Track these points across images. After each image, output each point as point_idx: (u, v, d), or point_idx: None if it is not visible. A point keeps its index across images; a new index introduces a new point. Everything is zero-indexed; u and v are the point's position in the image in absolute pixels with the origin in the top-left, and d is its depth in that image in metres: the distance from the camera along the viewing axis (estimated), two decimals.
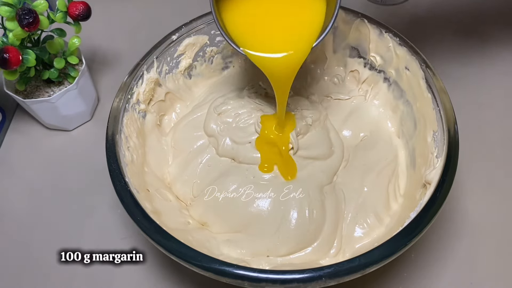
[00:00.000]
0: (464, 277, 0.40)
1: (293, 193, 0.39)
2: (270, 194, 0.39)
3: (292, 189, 0.39)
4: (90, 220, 0.45)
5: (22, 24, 0.40)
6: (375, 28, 0.44)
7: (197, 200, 0.41)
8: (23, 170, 0.50)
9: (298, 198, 0.39)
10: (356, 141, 0.45)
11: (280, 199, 0.39)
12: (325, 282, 0.29)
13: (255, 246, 0.38)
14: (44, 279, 0.42)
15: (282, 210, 0.39)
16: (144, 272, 0.41)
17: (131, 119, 0.41)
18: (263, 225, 0.39)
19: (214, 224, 0.40)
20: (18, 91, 0.49)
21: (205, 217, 0.40)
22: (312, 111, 0.44)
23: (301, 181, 0.40)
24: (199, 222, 0.40)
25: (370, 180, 0.41)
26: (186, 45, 0.46)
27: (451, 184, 0.33)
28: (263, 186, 0.40)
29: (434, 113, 0.38)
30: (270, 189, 0.39)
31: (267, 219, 0.39)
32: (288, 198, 0.39)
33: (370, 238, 0.38)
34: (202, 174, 0.42)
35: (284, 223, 0.38)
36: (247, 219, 0.39)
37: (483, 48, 0.57)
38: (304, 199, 0.39)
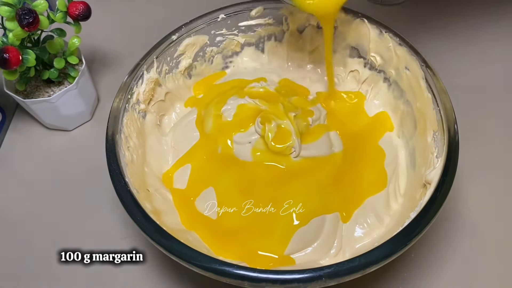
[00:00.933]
0: (464, 277, 0.40)
1: (293, 208, 0.39)
2: (270, 210, 0.39)
3: (292, 203, 0.39)
4: (90, 220, 0.45)
5: (22, 24, 0.40)
6: (375, 28, 0.44)
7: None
8: (23, 170, 0.50)
9: (298, 212, 0.39)
10: (356, 141, 0.45)
11: (281, 214, 0.39)
12: (325, 282, 0.29)
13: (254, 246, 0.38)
14: (44, 279, 0.42)
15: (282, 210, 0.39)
16: (144, 272, 0.41)
17: (131, 119, 0.41)
18: (263, 226, 0.39)
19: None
20: (18, 91, 0.49)
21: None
22: (312, 111, 0.44)
23: (301, 181, 0.40)
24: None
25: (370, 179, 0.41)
26: (186, 45, 0.46)
27: (451, 184, 0.33)
28: (263, 187, 0.40)
29: (434, 113, 0.38)
30: (270, 204, 0.39)
31: (267, 220, 0.39)
32: (289, 213, 0.39)
33: (370, 238, 0.38)
34: (202, 174, 0.42)
35: (284, 223, 0.38)
36: (246, 221, 0.39)
37: (483, 48, 0.57)
38: (305, 199, 0.39)
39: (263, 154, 0.42)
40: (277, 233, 0.38)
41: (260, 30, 0.50)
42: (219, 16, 0.47)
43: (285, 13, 0.48)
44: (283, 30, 0.50)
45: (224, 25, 0.48)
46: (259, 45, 0.51)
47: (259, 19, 0.48)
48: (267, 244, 0.38)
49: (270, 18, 0.49)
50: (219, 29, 0.48)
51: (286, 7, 0.47)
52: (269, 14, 0.48)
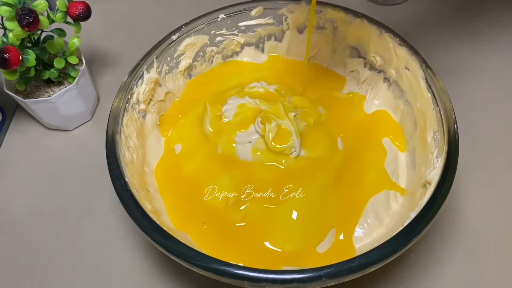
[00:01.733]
0: (464, 277, 0.40)
1: (293, 192, 0.39)
2: (270, 194, 0.39)
3: (293, 188, 0.39)
4: (90, 220, 0.45)
5: (22, 24, 0.40)
6: (375, 28, 0.44)
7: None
8: (23, 170, 0.50)
9: (299, 198, 0.39)
10: (356, 141, 0.45)
11: (280, 198, 0.39)
12: (325, 282, 0.29)
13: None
14: (45, 279, 0.42)
15: (283, 210, 0.39)
16: (144, 272, 0.41)
17: (131, 119, 0.41)
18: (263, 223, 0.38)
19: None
20: (18, 91, 0.49)
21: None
22: (312, 111, 0.44)
23: (301, 181, 0.40)
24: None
25: (370, 179, 0.41)
26: (186, 45, 0.46)
27: (451, 184, 0.33)
28: (263, 185, 0.40)
29: (434, 113, 0.38)
30: (270, 189, 0.39)
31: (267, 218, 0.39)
32: (289, 198, 0.39)
33: (370, 238, 0.38)
34: (203, 173, 0.42)
35: (285, 222, 0.38)
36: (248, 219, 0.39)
37: (484, 48, 0.57)
38: (304, 199, 0.39)
39: (263, 154, 0.42)
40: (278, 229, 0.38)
41: (260, 30, 0.50)
42: (219, 16, 0.47)
43: (285, 13, 0.48)
44: (283, 30, 0.50)
45: (224, 25, 0.48)
46: (259, 45, 0.51)
47: (259, 19, 0.48)
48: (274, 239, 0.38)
49: (270, 18, 0.49)
50: (219, 29, 0.48)
51: (286, 7, 0.47)
52: (269, 14, 0.48)
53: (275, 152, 0.41)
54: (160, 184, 0.42)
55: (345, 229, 0.38)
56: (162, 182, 0.42)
